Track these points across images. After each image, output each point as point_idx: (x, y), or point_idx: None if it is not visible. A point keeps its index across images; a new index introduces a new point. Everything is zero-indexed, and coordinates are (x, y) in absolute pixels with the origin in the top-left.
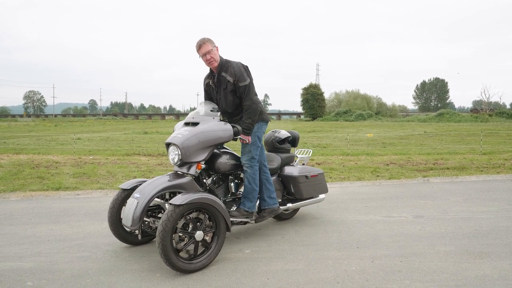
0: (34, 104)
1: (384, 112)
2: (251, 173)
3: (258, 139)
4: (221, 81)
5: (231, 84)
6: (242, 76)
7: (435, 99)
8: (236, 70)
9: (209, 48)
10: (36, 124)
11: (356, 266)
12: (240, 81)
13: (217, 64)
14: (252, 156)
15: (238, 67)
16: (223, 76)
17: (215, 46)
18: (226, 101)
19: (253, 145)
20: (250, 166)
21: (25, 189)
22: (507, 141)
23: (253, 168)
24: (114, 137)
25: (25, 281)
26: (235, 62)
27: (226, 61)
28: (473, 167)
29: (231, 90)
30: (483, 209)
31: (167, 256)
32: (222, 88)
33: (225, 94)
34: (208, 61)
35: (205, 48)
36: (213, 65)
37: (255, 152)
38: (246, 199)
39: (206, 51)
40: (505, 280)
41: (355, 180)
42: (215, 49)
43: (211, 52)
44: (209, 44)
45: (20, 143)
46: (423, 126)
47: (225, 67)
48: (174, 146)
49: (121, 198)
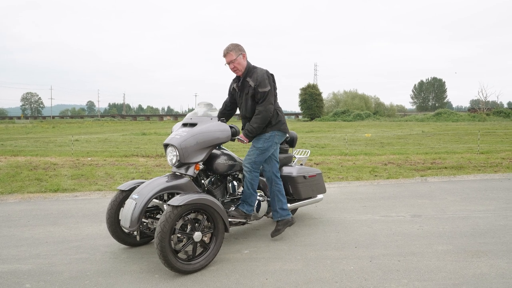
0: (31, 105)
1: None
2: (249, 178)
3: (266, 146)
4: (244, 86)
5: (252, 89)
6: (263, 82)
7: (432, 98)
8: (259, 76)
9: (233, 57)
10: (34, 126)
11: (355, 265)
12: (260, 87)
13: (242, 72)
14: (253, 161)
15: (261, 74)
16: (246, 81)
17: (241, 54)
18: (246, 106)
19: (258, 150)
20: (249, 170)
21: (23, 191)
22: (504, 140)
23: (252, 173)
24: (112, 138)
25: (24, 283)
26: (260, 69)
27: (253, 67)
28: (471, 166)
29: (251, 95)
30: (481, 208)
31: (165, 257)
32: (244, 93)
33: (246, 99)
34: (232, 69)
35: (229, 58)
36: (238, 73)
37: (258, 158)
38: (245, 202)
39: (229, 61)
40: (502, 279)
41: (353, 180)
42: (240, 57)
43: (235, 61)
44: (234, 53)
45: (18, 145)
46: (421, 126)
47: (251, 73)
48: (172, 147)
49: (119, 200)
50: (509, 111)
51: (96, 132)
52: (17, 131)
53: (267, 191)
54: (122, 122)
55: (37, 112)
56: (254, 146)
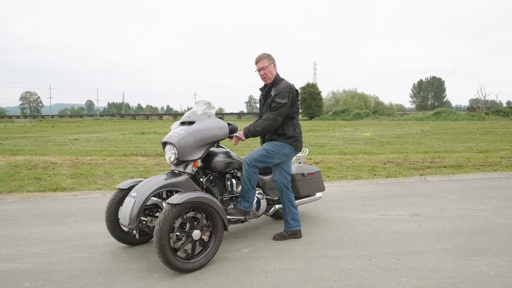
0: (30, 105)
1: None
2: (246, 173)
3: (273, 151)
4: (267, 95)
5: (271, 98)
6: (282, 94)
7: (432, 97)
8: (281, 87)
9: (265, 64)
10: (33, 125)
11: (354, 264)
12: (278, 97)
13: (270, 81)
14: (254, 157)
15: (284, 86)
16: (270, 91)
17: (272, 63)
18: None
19: (263, 150)
20: (247, 165)
21: (22, 190)
22: (503, 139)
23: (250, 168)
24: (112, 137)
25: (23, 282)
26: (286, 82)
27: (281, 79)
28: (470, 165)
29: (270, 105)
30: (480, 207)
31: (164, 256)
32: (267, 102)
33: (266, 109)
34: (262, 76)
35: (261, 64)
36: (266, 81)
37: (260, 158)
38: (243, 198)
39: (261, 67)
40: (501, 277)
41: (353, 179)
42: (271, 66)
43: (266, 68)
44: (266, 60)
45: (17, 144)
46: (420, 125)
47: (276, 84)
48: (170, 145)
49: (118, 198)
50: (508, 110)
51: (95, 131)
52: (16, 130)
53: (266, 189)
54: (121, 121)
55: (36, 111)
56: (263, 147)
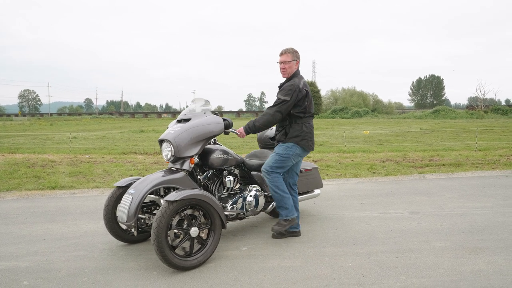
0: (29, 103)
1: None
2: (269, 181)
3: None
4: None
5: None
6: (285, 91)
7: (430, 96)
8: (289, 84)
9: (288, 59)
10: (32, 123)
11: (353, 262)
12: (280, 94)
13: (288, 76)
14: (270, 164)
15: (292, 83)
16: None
17: (296, 60)
18: None
19: (277, 156)
20: (266, 173)
21: (20, 189)
22: (502, 138)
23: (271, 175)
24: (110, 135)
25: (21, 281)
26: (295, 80)
27: (296, 77)
28: (469, 164)
29: None
30: (479, 205)
31: (162, 253)
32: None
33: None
34: (281, 69)
35: (284, 58)
36: (284, 75)
37: (276, 164)
38: (280, 208)
39: (283, 60)
40: (500, 275)
41: (352, 177)
42: (294, 62)
43: (287, 63)
44: (291, 55)
45: (16, 142)
46: (419, 123)
47: (290, 80)
48: (167, 142)
49: (116, 196)
50: (507, 109)
51: (94, 130)
52: (15, 128)
53: (264, 186)
54: (120, 120)
55: (35, 109)
56: (275, 152)
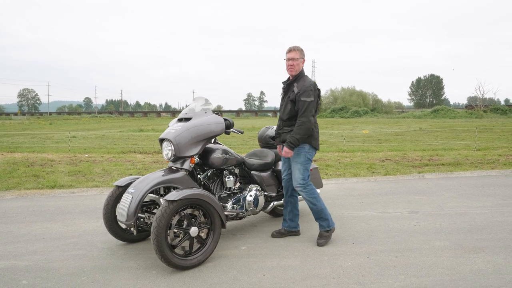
0: (28, 102)
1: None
2: (307, 195)
3: (309, 160)
4: (289, 89)
5: (294, 95)
6: (307, 92)
7: (430, 95)
8: (305, 85)
9: (296, 56)
10: (31, 122)
11: (352, 261)
12: (302, 96)
13: (295, 74)
14: (302, 178)
15: (308, 83)
16: (292, 86)
17: (302, 58)
18: (284, 108)
19: (301, 166)
20: (303, 188)
21: (20, 188)
22: (501, 137)
23: (307, 188)
24: (110, 135)
25: (20, 280)
26: (309, 79)
27: (305, 76)
28: (468, 163)
29: (291, 100)
30: (478, 205)
31: (162, 252)
32: (287, 96)
33: (286, 102)
34: (289, 66)
35: (293, 55)
36: (291, 72)
37: (306, 174)
38: (319, 220)
39: (291, 57)
40: (499, 274)
41: (351, 176)
42: (301, 60)
43: (296, 60)
44: (298, 53)
45: (15, 141)
46: (418, 123)
47: (298, 80)
48: (167, 141)
49: (116, 195)
50: (506, 108)
51: (94, 129)
52: (14, 127)
53: (264, 186)
54: (119, 119)
55: (34, 108)
56: (296, 163)
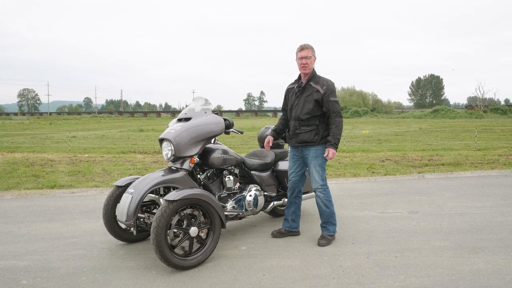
0: (28, 102)
1: (380, 108)
2: (324, 197)
3: (325, 161)
4: (306, 88)
5: (318, 94)
6: (334, 93)
7: (430, 95)
8: (330, 85)
9: (309, 54)
10: (31, 122)
11: (352, 261)
12: (332, 96)
13: (309, 72)
14: (322, 179)
15: (331, 83)
16: (310, 85)
17: (314, 56)
18: (303, 107)
19: (320, 168)
20: (323, 190)
21: (19, 188)
22: (501, 137)
23: (326, 190)
24: (110, 135)
25: (20, 280)
26: (327, 78)
27: (318, 75)
28: (468, 163)
29: (315, 99)
30: (478, 205)
31: (161, 252)
32: (304, 95)
33: (305, 101)
34: (303, 65)
35: (306, 53)
36: (305, 71)
37: (324, 174)
38: (328, 223)
39: (305, 55)
40: (499, 275)
41: (351, 176)
42: (313, 59)
43: (309, 58)
44: (311, 51)
45: (15, 141)
46: (418, 123)
47: (316, 79)
48: (167, 141)
49: (116, 195)
50: (506, 108)
51: (94, 129)
52: (14, 127)
53: (263, 186)
54: (119, 119)
55: (34, 108)
56: (315, 165)
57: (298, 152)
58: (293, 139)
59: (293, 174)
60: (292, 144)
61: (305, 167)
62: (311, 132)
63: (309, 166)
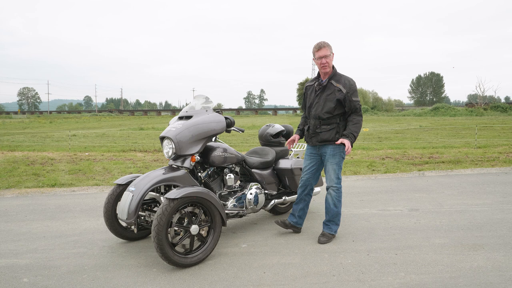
0: (28, 101)
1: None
2: (335, 196)
3: (343, 159)
4: (327, 87)
5: (341, 94)
6: (356, 92)
7: (430, 93)
8: (352, 84)
9: (327, 52)
10: (31, 121)
11: (352, 259)
12: (354, 96)
13: (329, 71)
14: (337, 177)
15: (353, 82)
16: (331, 83)
17: (332, 53)
18: (323, 106)
19: (337, 166)
20: (337, 189)
21: (20, 186)
22: (501, 135)
23: (339, 190)
24: (110, 133)
25: (21, 278)
26: (348, 76)
27: (338, 73)
28: (468, 161)
29: (337, 98)
30: (478, 202)
31: (162, 250)
32: (325, 94)
33: (325, 100)
34: (322, 64)
35: (324, 52)
36: (325, 70)
37: (340, 173)
38: (332, 222)
39: (323, 55)
40: (498, 271)
41: (351, 174)
42: (331, 56)
43: (328, 57)
44: (329, 49)
45: (15, 140)
46: (419, 120)
47: (337, 77)
48: (168, 139)
49: (116, 193)
50: (506, 106)
51: (94, 127)
52: (14, 126)
53: (264, 184)
54: (119, 117)
55: (34, 107)
56: (332, 163)
57: (316, 150)
58: (313, 138)
59: (307, 171)
60: (312, 143)
61: (320, 165)
62: (331, 131)
63: (325, 164)
